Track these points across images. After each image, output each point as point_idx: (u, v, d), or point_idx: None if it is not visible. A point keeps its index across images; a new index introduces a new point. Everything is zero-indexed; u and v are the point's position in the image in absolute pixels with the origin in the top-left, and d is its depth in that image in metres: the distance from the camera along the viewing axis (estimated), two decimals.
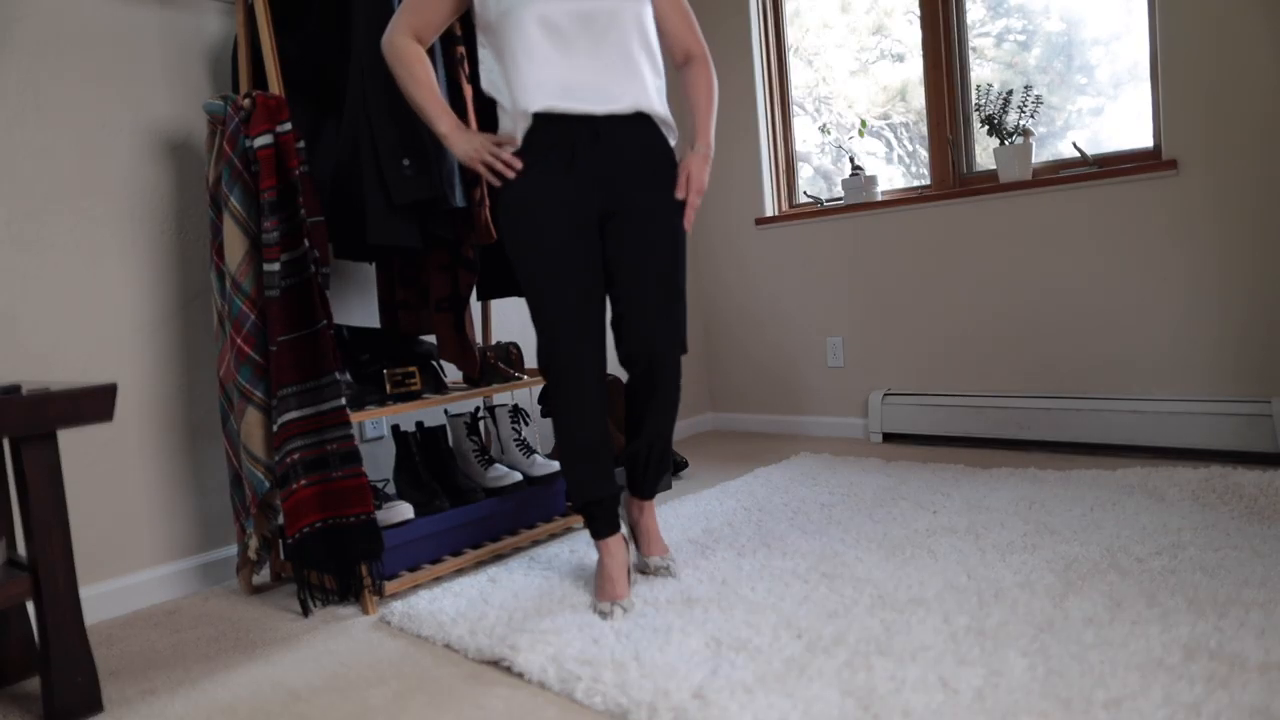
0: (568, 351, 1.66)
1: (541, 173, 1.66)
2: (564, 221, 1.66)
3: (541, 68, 1.62)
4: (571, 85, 1.63)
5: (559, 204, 1.66)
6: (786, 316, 3.48)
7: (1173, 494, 2.13)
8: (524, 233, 1.66)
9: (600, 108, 1.65)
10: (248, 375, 1.87)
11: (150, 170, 2.09)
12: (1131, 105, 2.71)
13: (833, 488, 2.49)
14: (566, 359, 1.66)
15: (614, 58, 1.65)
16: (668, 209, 1.73)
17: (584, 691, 1.37)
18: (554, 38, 1.62)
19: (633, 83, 1.67)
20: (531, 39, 1.61)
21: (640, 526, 1.93)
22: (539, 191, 1.66)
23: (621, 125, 1.68)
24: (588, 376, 1.68)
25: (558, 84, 1.62)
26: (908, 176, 3.27)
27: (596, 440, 1.72)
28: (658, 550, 1.91)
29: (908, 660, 1.38)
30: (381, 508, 1.99)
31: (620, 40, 1.65)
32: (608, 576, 1.75)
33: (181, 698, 1.52)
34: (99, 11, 2.01)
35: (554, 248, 1.65)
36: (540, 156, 1.66)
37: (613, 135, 1.67)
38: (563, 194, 1.66)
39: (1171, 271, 2.58)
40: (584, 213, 1.68)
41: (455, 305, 2.14)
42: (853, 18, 3.33)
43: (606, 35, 1.64)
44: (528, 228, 1.66)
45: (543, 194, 1.65)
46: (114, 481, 2.01)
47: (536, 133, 1.65)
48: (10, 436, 1.39)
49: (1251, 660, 1.27)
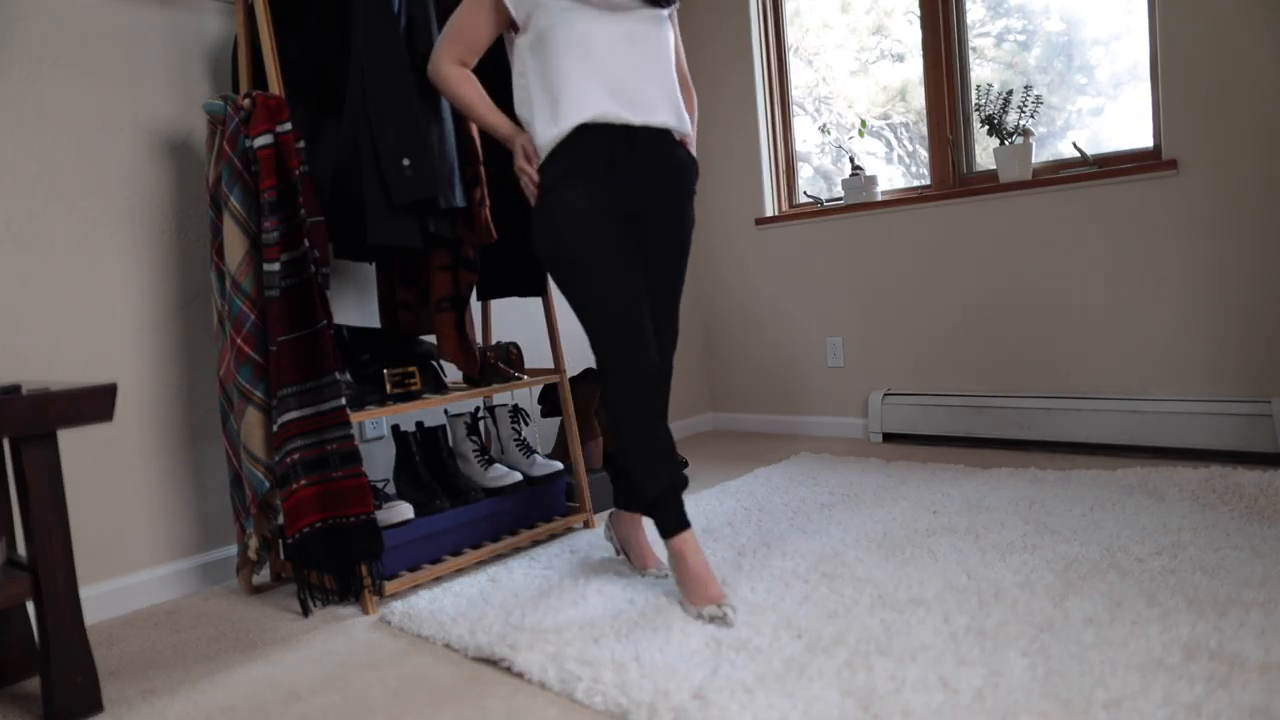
0: (632, 339, 1.68)
1: (582, 179, 1.70)
2: (607, 224, 1.70)
3: (587, 80, 1.68)
4: (615, 94, 1.70)
5: (601, 208, 1.70)
6: (786, 316, 3.48)
7: (1173, 494, 2.13)
8: (570, 235, 1.70)
9: (638, 119, 1.71)
10: (248, 375, 1.87)
11: (150, 170, 2.09)
12: (1131, 105, 2.71)
13: (833, 488, 2.49)
14: (632, 347, 1.68)
15: (651, 74, 1.74)
16: (685, 222, 1.83)
17: (584, 691, 1.37)
18: (597, 53, 1.69)
19: (667, 99, 1.76)
20: (570, 53, 1.68)
21: (631, 541, 1.92)
22: (580, 198, 1.70)
23: (655, 137, 1.75)
24: (653, 366, 1.70)
25: (602, 95, 1.69)
26: (908, 176, 3.27)
27: (665, 428, 1.74)
28: (652, 563, 1.90)
29: (908, 660, 1.38)
30: (381, 508, 1.98)
31: (656, 58, 1.75)
32: (698, 577, 1.67)
33: (181, 698, 1.52)
34: (99, 12, 2.01)
35: (607, 249, 1.70)
36: (582, 164, 1.70)
37: (649, 145, 1.74)
38: (601, 198, 1.71)
39: (1171, 271, 2.58)
40: (621, 214, 1.73)
41: (455, 305, 2.14)
42: (853, 18, 3.33)
43: (645, 53, 1.73)
44: (573, 231, 1.69)
45: (584, 199, 1.69)
46: (114, 481, 2.01)
47: (579, 142, 1.69)
48: (10, 436, 1.39)
49: (1251, 660, 1.27)
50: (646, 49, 1.73)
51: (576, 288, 1.70)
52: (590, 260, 1.67)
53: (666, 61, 1.76)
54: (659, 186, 1.76)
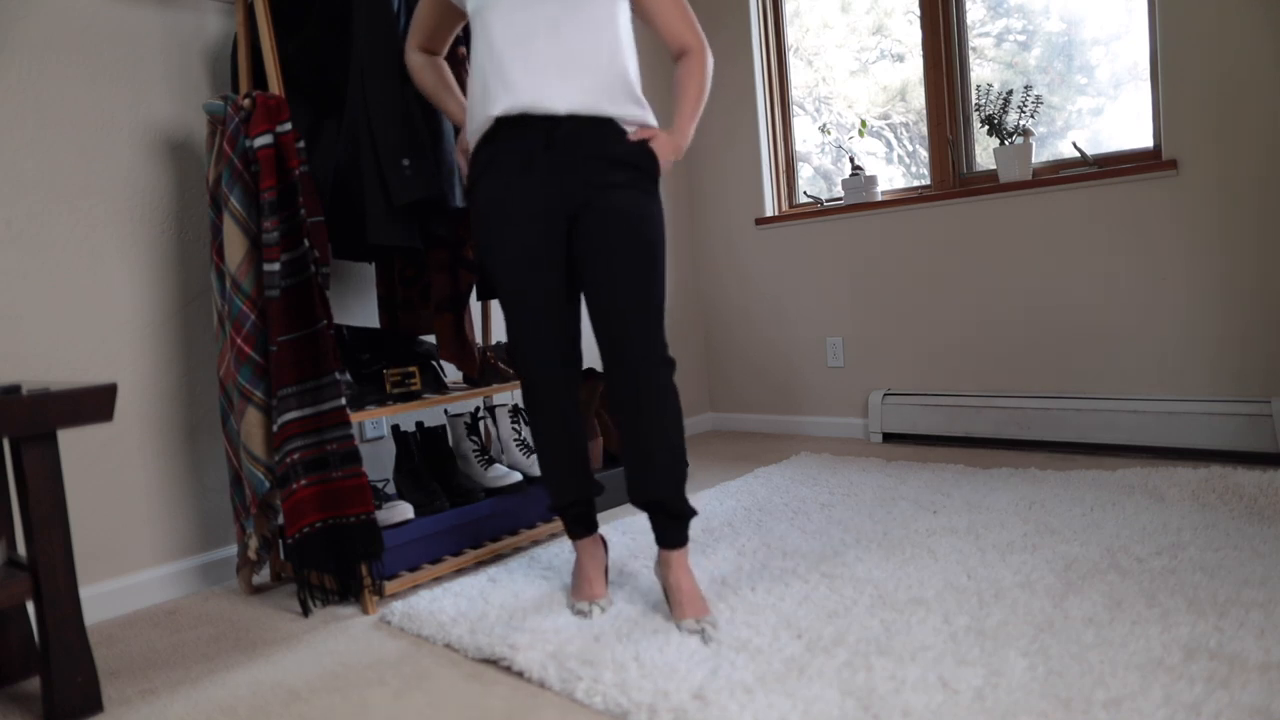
0: (534, 348, 1.67)
1: (500, 174, 1.63)
2: (523, 220, 1.62)
3: (508, 69, 1.57)
4: (541, 83, 1.57)
5: (521, 203, 1.62)
6: (786, 317, 3.48)
7: (1173, 494, 2.13)
8: (485, 236, 1.66)
9: (564, 107, 1.57)
10: (248, 375, 1.87)
11: (150, 170, 2.09)
12: (1131, 105, 2.71)
13: (833, 488, 2.49)
14: (534, 354, 1.67)
15: (587, 60, 1.58)
16: (630, 218, 1.61)
17: (584, 691, 1.37)
18: (517, 38, 1.57)
19: (604, 86, 1.59)
20: (495, 40, 1.58)
21: (670, 584, 1.65)
22: (500, 193, 1.63)
23: (588, 127, 1.60)
24: (556, 376, 1.68)
25: (519, 85, 1.57)
26: (908, 176, 3.27)
27: (567, 443, 1.72)
28: (692, 610, 1.59)
29: (908, 660, 1.38)
30: (381, 508, 1.99)
31: (595, 40, 1.59)
32: (585, 576, 1.76)
33: (181, 698, 1.52)
34: (99, 12, 2.01)
35: (515, 250, 1.63)
36: (503, 157, 1.62)
37: (578, 136, 1.59)
38: (523, 193, 1.62)
39: (1171, 271, 2.58)
40: (547, 210, 1.62)
41: (455, 305, 2.14)
42: (853, 18, 3.32)
43: (580, 37, 1.58)
44: (483, 229, 1.66)
45: (502, 192, 1.63)
46: (114, 481, 2.01)
47: (498, 134, 1.62)
48: (10, 436, 1.39)
49: (1251, 660, 1.27)
50: (581, 32, 1.57)
51: (495, 284, 1.69)
52: (497, 259, 1.64)
53: (606, 45, 1.59)
54: (593, 179, 1.59)
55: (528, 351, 1.67)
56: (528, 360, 1.68)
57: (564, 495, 1.75)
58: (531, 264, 1.63)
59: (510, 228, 1.63)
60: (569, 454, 1.73)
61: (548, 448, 1.73)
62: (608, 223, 1.58)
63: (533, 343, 1.66)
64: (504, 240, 1.63)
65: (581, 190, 1.60)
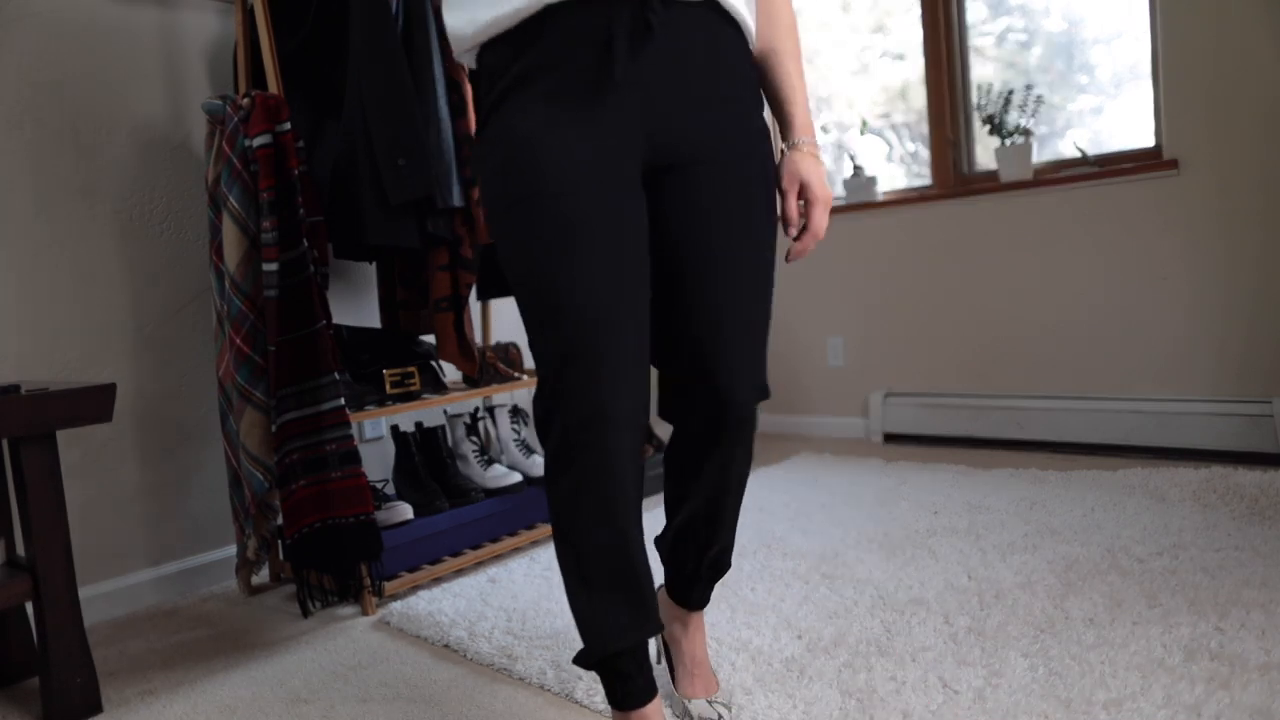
0: (585, 400, 0.99)
1: (548, 97, 1.00)
2: (585, 173, 1.00)
3: None
4: None
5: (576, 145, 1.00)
6: (787, 316, 3.47)
7: (1174, 494, 2.13)
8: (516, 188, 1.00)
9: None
10: (247, 375, 1.87)
11: (150, 170, 2.09)
12: (1132, 105, 2.71)
13: (833, 488, 2.49)
14: (582, 413, 0.99)
15: None
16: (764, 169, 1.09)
17: (584, 692, 1.37)
18: None
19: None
20: None
21: (684, 650, 1.27)
22: (544, 127, 0.99)
23: (686, 13, 1.00)
24: (617, 445, 1.00)
25: None
26: (909, 176, 3.27)
27: (626, 552, 1.05)
28: (702, 688, 1.25)
29: (908, 661, 1.38)
30: (381, 508, 1.98)
31: None
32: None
33: (181, 698, 1.52)
34: (98, 11, 2.01)
35: (569, 215, 0.99)
36: (548, 69, 0.99)
37: (673, 30, 0.99)
38: (583, 130, 1.00)
39: (1172, 271, 2.57)
40: (620, 161, 1.02)
41: (455, 305, 2.14)
42: (853, 17, 3.32)
43: None
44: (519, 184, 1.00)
45: (549, 131, 0.99)
46: (113, 482, 2.01)
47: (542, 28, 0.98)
48: (10, 436, 1.39)
49: (1252, 661, 1.27)
50: None
51: (517, 282, 1.04)
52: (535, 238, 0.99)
53: None
54: (700, 104, 1.03)
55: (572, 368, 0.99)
56: (568, 381, 0.99)
57: (614, 639, 1.07)
58: (596, 236, 0.99)
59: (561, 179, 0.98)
60: (626, 570, 1.06)
61: (590, 559, 1.05)
62: (729, 183, 1.05)
63: (586, 356, 0.98)
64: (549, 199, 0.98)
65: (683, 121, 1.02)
